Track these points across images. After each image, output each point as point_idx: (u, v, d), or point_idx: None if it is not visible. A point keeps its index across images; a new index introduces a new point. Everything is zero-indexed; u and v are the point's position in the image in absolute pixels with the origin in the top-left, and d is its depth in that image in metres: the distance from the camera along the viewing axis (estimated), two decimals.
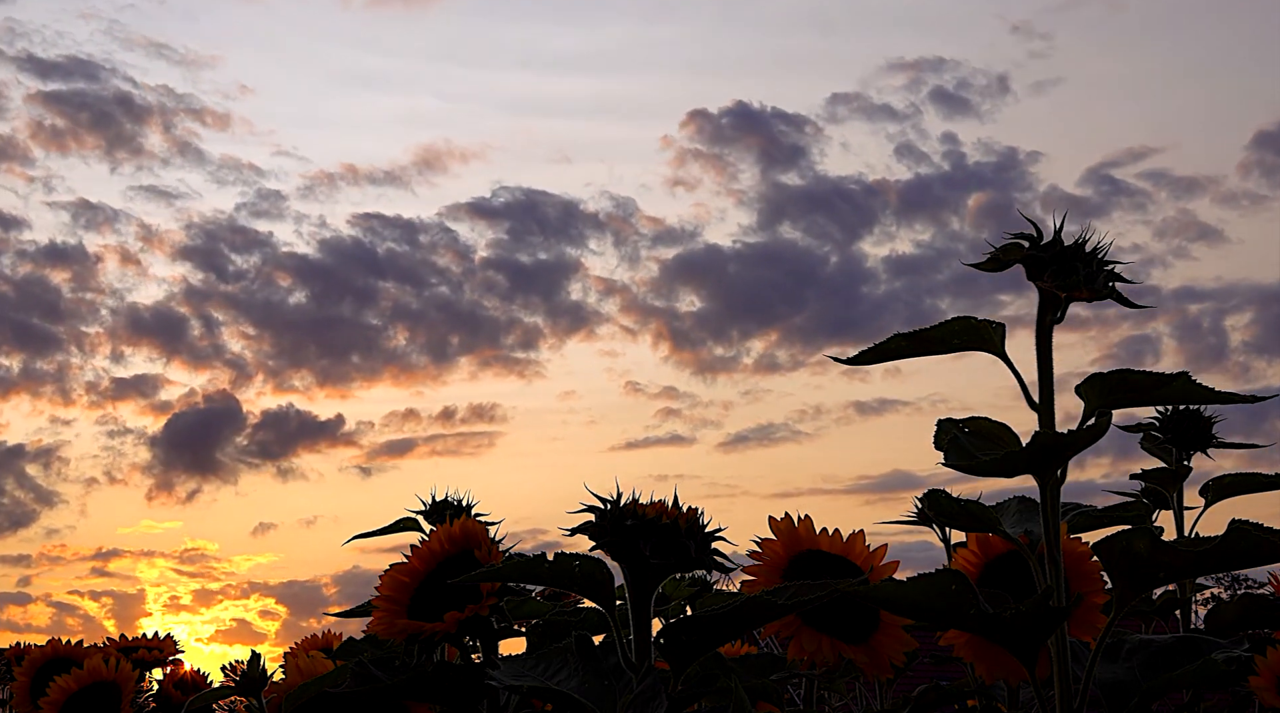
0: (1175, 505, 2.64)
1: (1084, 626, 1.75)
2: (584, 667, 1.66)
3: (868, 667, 1.79)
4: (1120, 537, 1.60)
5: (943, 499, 1.72)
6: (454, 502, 2.46)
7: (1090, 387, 1.59)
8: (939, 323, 1.61)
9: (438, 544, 1.86)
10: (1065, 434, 1.56)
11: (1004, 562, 1.85)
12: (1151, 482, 2.63)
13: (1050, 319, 1.58)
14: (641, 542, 1.61)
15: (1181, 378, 1.58)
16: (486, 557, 1.81)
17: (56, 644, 3.05)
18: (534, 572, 1.66)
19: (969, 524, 1.78)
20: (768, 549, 1.82)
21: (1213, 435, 2.61)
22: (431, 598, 1.83)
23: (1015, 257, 1.57)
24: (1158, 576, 1.61)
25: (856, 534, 1.82)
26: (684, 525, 1.62)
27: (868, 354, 1.66)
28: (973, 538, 1.88)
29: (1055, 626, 1.58)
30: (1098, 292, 1.55)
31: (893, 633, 1.80)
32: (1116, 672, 1.71)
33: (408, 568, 1.86)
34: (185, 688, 3.20)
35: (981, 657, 1.77)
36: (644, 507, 1.62)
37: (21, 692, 3.00)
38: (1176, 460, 2.62)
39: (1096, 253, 1.55)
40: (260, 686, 2.57)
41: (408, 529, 2.50)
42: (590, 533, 1.64)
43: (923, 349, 1.65)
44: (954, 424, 1.69)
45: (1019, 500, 1.78)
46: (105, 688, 2.81)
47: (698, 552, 1.63)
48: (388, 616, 1.82)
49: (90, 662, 2.81)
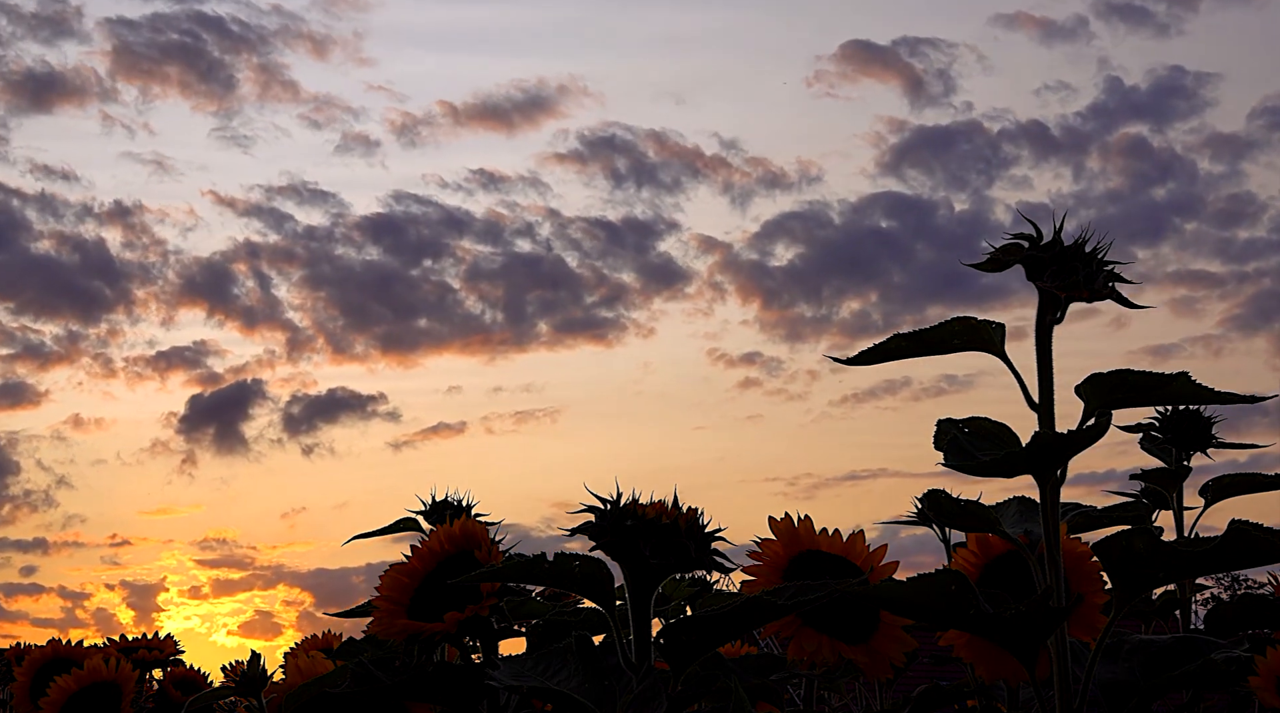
0: (1175, 506, 2.64)
1: (1084, 626, 1.75)
2: (584, 667, 1.66)
3: (868, 667, 1.79)
4: (1120, 537, 1.60)
5: (943, 499, 1.72)
6: (454, 502, 2.47)
7: (1090, 387, 1.59)
8: (939, 323, 1.61)
9: (438, 544, 1.86)
10: (1065, 434, 1.56)
11: (1004, 562, 1.85)
12: (1151, 482, 2.63)
13: (1050, 319, 1.58)
14: (641, 542, 1.61)
15: (1181, 378, 1.59)
16: (486, 557, 1.81)
17: (56, 645, 3.06)
18: (534, 572, 1.66)
19: (969, 524, 1.78)
20: (767, 549, 1.82)
21: (1213, 435, 2.61)
22: (431, 598, 1.83)
23: (1015, 257, 1.57)
24: (1157, 576, 1.61)
25: (856, 534, 1.82)
26: (684, 526, 1.62)
27: (867, 354, 1.66)
28: (972, 538, 1.88)
29: (1055, 626, 1.58)
30: (1097, 292, 1.55)
31: (893, 633, 1.80)
32: (1116, 672, 1.71)
33: (408, 568, 1.86)
34: (185, 688, 3.20)
35: (981, 657, 1.77)
36: (644, 507, 1.62)
37: (21, 692, 3.00)
38: (1176, 460, 2.62)
39: (1096, 253, 1.55)
40: (260, 686, 2.58)
41: (408, 529, 2.50)
42: (590, 533, 1.64)
43: (923, 349, 1.65)
44: (954, 424, 1.69)
45: (1019, 501, 1.78)
46: (105, 688, 2.81)
47: (698, 552, 1.63)
48: (387, 616, 1.82)
49: (90, 662, 2.81)
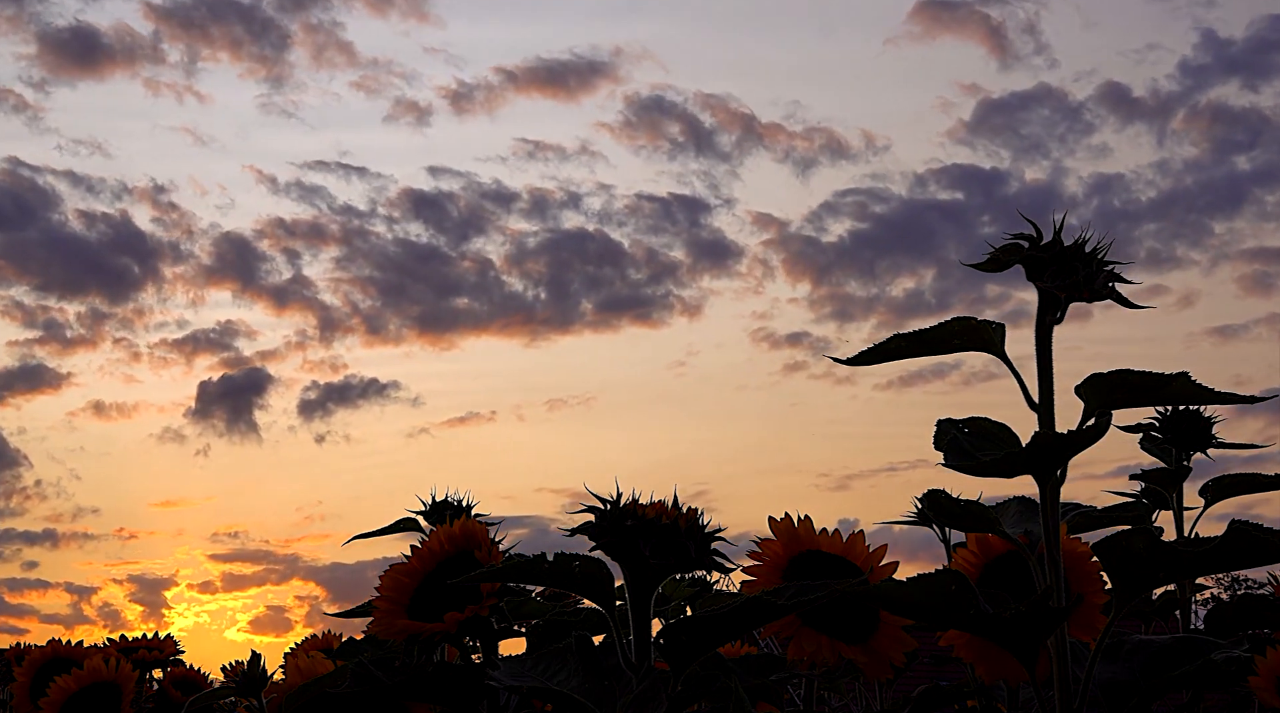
0: (1175, 506, 2.64)
1: (1084, 626, 1.75)
2: (584, 667, 1.66)
3: (867, 667, 1.79)
4: (1120, 537, 1.60)
5: (943, 499, 1.72)
6: (454, 502, 2.47)
7: (1090, 387, 1.59)
8: (939, 323, 1.61)
9: (438, 545, 1.86)
10: (1065, 434, 1.56)
11: (1004, 562, 1.85)
12: (1151, 482, 2.63)
13: (1050, 319, 1.58)
14: (641, 542, 1.61)
15: (1181, 378, 1.58)
16: (486, 557, 1.81)
17: (56, 645, 3.06)
18: (534, 572, 1.66)
19: (969, 524, 1.78)
20: (767, 549, 1.82)
21: (1212, 435, 2.61)
22: (431, 598, 1.83)
23: (1015, 257, 1.57)
24: (1157, 576, 1.61)
25: (856, 534, 1.82)
26: (684, 526, 1.62)
27: (867, 355, 1.66)
28: (972, 538, 1.88)
29: (1055, 626, 1.58)
30: (1097, 292, 1.55)
31: (893, 633, 1.80)
32: (1116, 672, 1.71)
33: (408, 568, 1.86)
34: (185, 688, 3.20)
35: (981, 657, 1.77)
36: (644, 507, 1.62)
37: (21, 692, 3.00)
38: (1176, 461, 2.62)
39: (1096, 253, 1.55)
40: (260, 686, 2.58)
41: (408, 529, 2.50)
42: (590, 533, 1.64)
43: (923, 349, 1.65)
44: (954, 424, 1.69)
45: (1019, 501, 1.78)
46: (105, 688, 2.81)
47: (697, 552, 1.63)
48: (387, 616, 1.82)
49: (90, 662, 2.81)
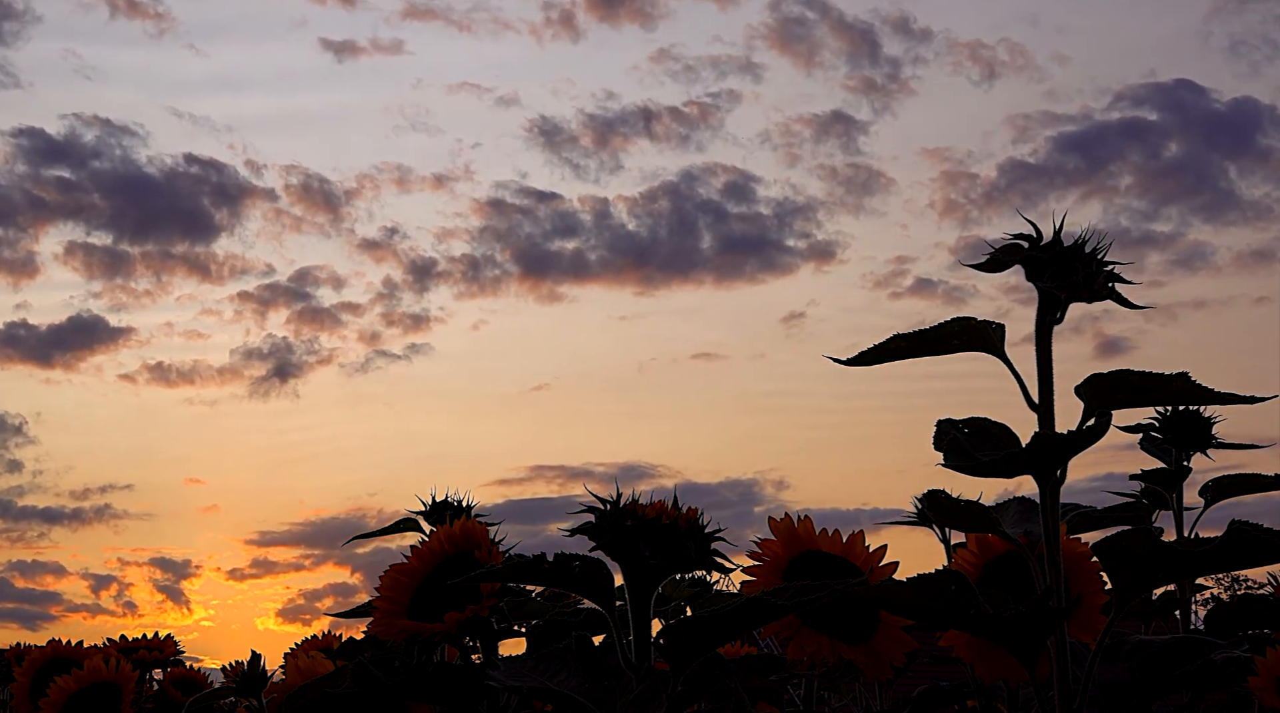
0: (1175, 506, 2.64)
1: (1084, 626, 1.75)
2: (584, 667, 1.66)
3: (868, 667, 1.79)
4: (1120, 537, 1.60)
5: (943, 499, 1.72)
6: (454, 502, 2.47)
7: (1090, 387, 1.58)
8: (939, 323, 1.61)
9: (438, 545, 1.86)
10: (1065, 435, 1.56)
11: (1004, 562, 1.85)
12: (1151, 482, 2.63)
13: (1050, 319, 1.58)
14: (641, 542, 1.61)
15: (1181, 378, 1.58)
16: (486, 557, 1.81)
17: (56, 645, 3.06)
18: (534, 572, 1.66)
19: (969, 525, 1.78)
20: (767, 550, 1.82)
21: (1212, 436, 2.61)
22: (431, 599, 1.83)
23: (1015, 257, 1.57)
24: (1157, 576, 1.61)
25: (856, 534, 1.82)
26: (684, 526, 1.62)
27: (867, 355, 1.66)
28: (972, 539, 1.88)
29: (1055, 626, 1.58)
30: (1097, 293, 1.55)
31: (893, 634, 1.80)
32: (1116, 672, 1.71)
33: (408, 568, 1.86)
34: (185, 688, 3.20)
35: (981, 658, 1.77)
36: (644, 507, 1.62)
37: (22, 692, 3.00)
38: (1176, 461, 2.62)
39: (1096, 253, 1.55)
40: (260, 686, 2.58)
41: (408, 530, 2.50)
42: (590, 534, 1.64)
43: (922, 349, 1.65)
44: (953, 424, 1.69)
45: (1019, 501, 1.78)
46: (105, 689, 2.81)
47: (697, 552, 1.63)
48: (387, 616, 1.82)
49: (90, 662, 2.81)
